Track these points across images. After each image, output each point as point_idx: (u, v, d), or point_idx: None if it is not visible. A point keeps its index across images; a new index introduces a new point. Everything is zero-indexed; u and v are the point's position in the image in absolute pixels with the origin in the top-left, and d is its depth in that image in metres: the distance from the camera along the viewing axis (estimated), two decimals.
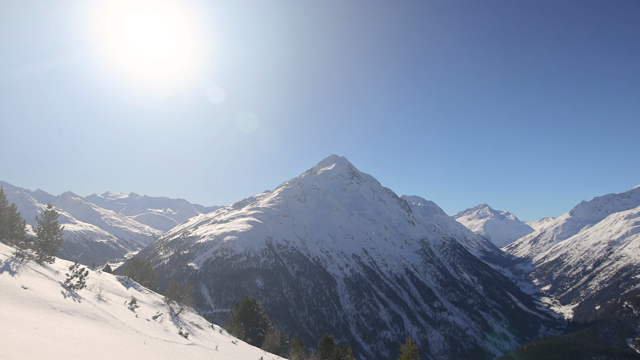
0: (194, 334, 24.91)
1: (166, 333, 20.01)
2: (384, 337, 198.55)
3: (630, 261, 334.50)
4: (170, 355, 14.93)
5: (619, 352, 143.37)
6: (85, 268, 22.21)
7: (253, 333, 49.12)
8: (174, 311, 28.74)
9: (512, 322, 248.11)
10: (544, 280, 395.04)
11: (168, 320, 24.53)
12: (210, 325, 33.25)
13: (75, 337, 11.97)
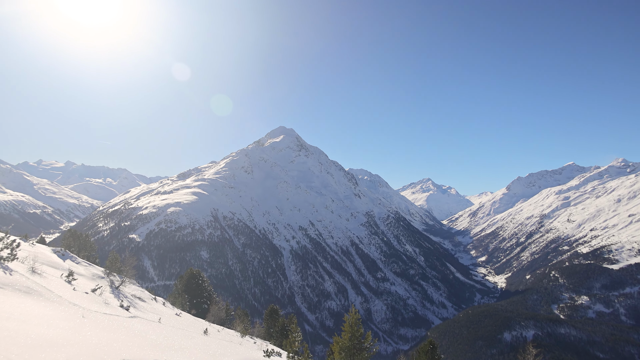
0: (136, 306, 24.39)
1: (106, 306, 19.41)
2: (329, 307, 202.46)
3: (558, 234, 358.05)
4: (111, 328, 14.32)
5: (545, 318, 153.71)
6: (16, 239, 21.12)
7: (198, 305, 48.55)
8: (115, 284, 27.86)
9: (450, 291, 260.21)
10: (480, 252, 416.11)
11: (108, 293, 23.76)
12: (153, 298, 32.59)
13: (7, 311, 11.39)
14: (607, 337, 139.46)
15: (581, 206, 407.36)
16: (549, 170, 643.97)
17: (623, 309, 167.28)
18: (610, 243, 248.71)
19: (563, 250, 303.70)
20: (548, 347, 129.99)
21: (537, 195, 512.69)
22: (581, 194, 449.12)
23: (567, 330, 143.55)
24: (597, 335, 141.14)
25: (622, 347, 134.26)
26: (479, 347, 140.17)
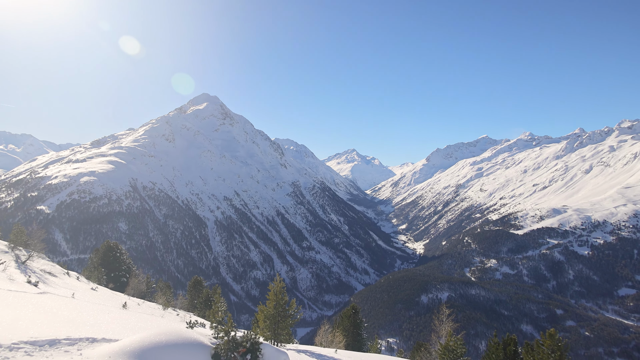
0: (46, 282, 23.12)
1: (11, 282, 18.59)
2: (255, 276, 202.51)
3: (472, 202, 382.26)
4: (16, 306, 13.27)
5: (458, 280, 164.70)
6: None
7: (116, 278, 46.82)
8: (21, 259, 26.22)
9: (372, 258, 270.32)
10: (401, 220, 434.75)
11: (13, 269, 22.52)
12: (66, 272, 31.09)
13: None
14: (511, 296, 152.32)
15: (492, 176, 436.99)
16: (465, 142, 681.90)
17: (525, 270, 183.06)
18: (517, 210, 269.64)
19: (476, 218, 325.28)
20: (460, 307, 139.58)
21: (454, 166, 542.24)
22: (493, 165, 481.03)
23: (477, 291, 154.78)
24: (503, 294, 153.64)
25: (523, 305, 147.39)
26: (399, 309, 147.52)
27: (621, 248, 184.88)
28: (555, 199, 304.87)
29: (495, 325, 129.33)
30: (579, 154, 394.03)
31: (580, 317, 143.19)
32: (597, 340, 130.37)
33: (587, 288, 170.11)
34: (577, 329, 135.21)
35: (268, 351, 11.63)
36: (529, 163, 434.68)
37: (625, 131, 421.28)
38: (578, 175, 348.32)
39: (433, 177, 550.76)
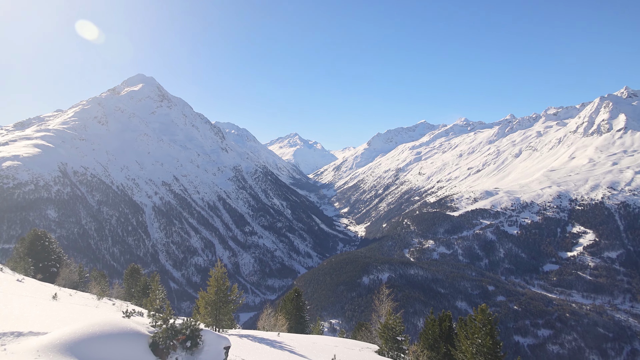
0: None
1: None
2: (195, 263, 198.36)
3: (411, 185, 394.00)
4: None
5: (398, 261, 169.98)
6: None
7: (45, 269, 43.91)
8: None
9: (315, 241, 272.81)
10: (343, 204, 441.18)
11: None
12: None
13: None
14: (447, 275, 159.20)
15: (430, 160, 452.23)
16: (404, 127, 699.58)
17: (461, 249, 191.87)
18: (453, 193, 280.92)
19: (415, 201, 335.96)
20: (400, 287, 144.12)
21: (394, 151, 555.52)
22: (431, 150, 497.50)
23: (416, 271, 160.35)
24: (440, 273, 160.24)
25: (458, 282, 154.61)
26: (341, 291, 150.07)
27: (546, 227, 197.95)
28: (488, 181, 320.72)
29: (433, 303, 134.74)
30: (510, 139, 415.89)
31: (509, 293, 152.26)
32: (525, 313, 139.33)
33: (516, 265, 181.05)
34: (506, 304, 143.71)
35: (209, 337, 11.31)
36: (464, 147, 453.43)
37: (550, 117, 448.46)
38: (509, 159, 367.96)
39: (374, 161, 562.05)
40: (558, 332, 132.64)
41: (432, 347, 26.37)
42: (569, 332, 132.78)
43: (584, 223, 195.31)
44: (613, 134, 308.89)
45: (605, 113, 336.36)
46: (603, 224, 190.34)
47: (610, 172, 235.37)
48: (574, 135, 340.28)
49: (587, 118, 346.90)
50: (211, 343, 11.19)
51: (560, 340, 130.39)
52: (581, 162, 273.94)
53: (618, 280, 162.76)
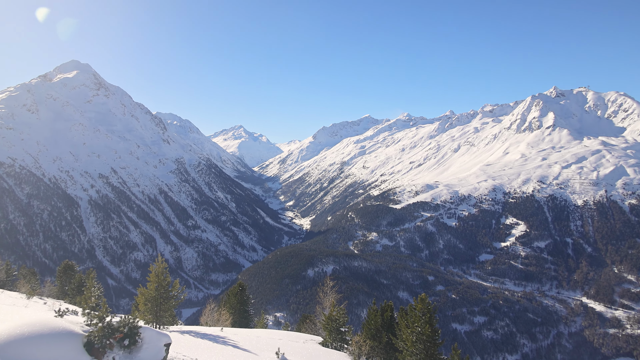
0: None
1: None
2: (135, 258, 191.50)
3: (355, 179, 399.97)
4: None
5: (342, 254, 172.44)
6: None
7: None
8: None
9: (260, 235, 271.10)
10: (289, 197, 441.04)
11: None
12: None
13: None
14: (390, 266, 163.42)
15: (374, 154, 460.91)
16: (349, 121, 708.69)
17: (403, 241, 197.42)
18: (396, 186, 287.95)
19: (359, 194, 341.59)
20: (344, 279, 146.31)
21: (339, 144, 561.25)
22: (374, 144, 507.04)
23: (360, 263, 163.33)
24: (383, 265, 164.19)
25: (400, 273, 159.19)
26: (286, 284, 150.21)
27: (482, 219, 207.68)
28: (429, 175, 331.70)
29: (376, 294, 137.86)
30: (449, 134, 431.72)
31: (448, 282, 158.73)
32: (462, 301, 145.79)
33: (455, 255, 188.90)
34: (445, 293, 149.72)
35: (148, 335, 10.92)
36: (406, 142, 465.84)
37: (487, 114, 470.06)
38: (448, 153, 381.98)
39: (319, 155, 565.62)
40: (492, 319, 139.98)
41: (374, 337, 27.00)
42: (502, 318, 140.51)
43: (516, 215, 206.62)
44: (543, 131, 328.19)
45: (536, 111, 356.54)
46: (533, 215, 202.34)
47: (540, 167, 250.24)
48: (508, 131, 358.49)
49: (519, 115, 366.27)
50: (151, 340, 10.87)
51: (494, 326, 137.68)
52: (514, 157, 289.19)
53: (546, 269, 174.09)
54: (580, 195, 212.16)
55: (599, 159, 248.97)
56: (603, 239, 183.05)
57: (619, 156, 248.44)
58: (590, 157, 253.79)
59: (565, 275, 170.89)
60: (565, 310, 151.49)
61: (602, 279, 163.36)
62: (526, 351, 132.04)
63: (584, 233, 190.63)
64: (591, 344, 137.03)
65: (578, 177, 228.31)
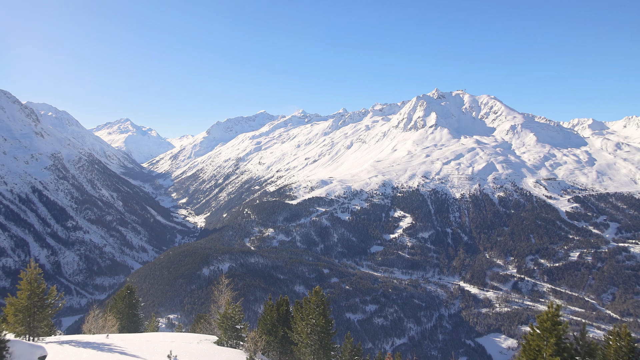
0: None
1: None
2: (4, 265, 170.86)
3: (251, 175, 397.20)
4: None
5: (238, 251, 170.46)
6: None
7: None
8: None
9: (151, 234, 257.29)
10: (182, 194, 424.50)
11: None
12: None
13: None
14: (286, 261, 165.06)
15: (270, 150, 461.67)
16: (244, 116, 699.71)
17: (299, 236, 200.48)
18: (291, 182, 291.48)
19: (255, 190, 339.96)
20: (241, 276, 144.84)
21: (234, 140, 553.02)
22: (270, 140, 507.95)
23: (256, 259, 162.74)
24: (279, 260, 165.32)
25: (297, 268, 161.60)
26: (180, 285, 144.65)
27: (373, 212, 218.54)
28: (324, 171, 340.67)
29: (273, 289, 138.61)
30: (343, 131, 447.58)
31: (342, 274, 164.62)
32: (355, 291, 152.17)
33: (348, 248, 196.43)
34: (339, 284, 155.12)
35: (19, 348, 10.12)
36: (302, 138, 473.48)
37: (377, 113, 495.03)
38: (342, 150, 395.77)
39: (214, 150, 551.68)
40: (383, 306, 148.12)
41: (270, 332, 27.49)
42: (392, 305, 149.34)
43: (403, 208, 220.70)
44: (427, 129, 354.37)
45: (420, 111, 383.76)
46: (418, 208, 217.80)
47: (424, 163, 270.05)
48: (396, 129, 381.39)
49: (406, 115, 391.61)
50: (22, 354, 9.99)
51: (384, 313, 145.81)
52: (402, 154, 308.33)
53: (429, 257, 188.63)
54: (459, 189, 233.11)
55: (474, 156, 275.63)
56: (477, 228, 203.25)
57: (490, 153, 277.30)
58: (466, 154, 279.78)
59: (446, 262, 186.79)
60: (446, 294, 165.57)
61: (476, 265, 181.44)
62: (412, 334, 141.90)
63: (461, 223, 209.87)
64: (467, 323, 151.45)
65: (456, 172, 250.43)
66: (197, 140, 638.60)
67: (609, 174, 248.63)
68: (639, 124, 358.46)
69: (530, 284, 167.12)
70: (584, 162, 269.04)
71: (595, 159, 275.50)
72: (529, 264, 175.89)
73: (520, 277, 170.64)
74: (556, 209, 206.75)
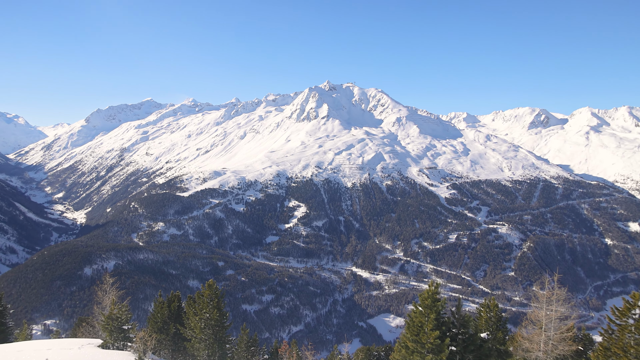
0: None
1: None
2: None
3: (138, 166, 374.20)
4: None
5: (125, 247, 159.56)
6: None
7: None
8: None
9: (21, 233, 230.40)
10: (57, 188, 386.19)
11: None
12: None
13: None
14: (179, 256, 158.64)
15: (158, 140, 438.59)
16: (129, 104, 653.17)
17: (191, 229, 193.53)
18: (182, 174, 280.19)
19: (142, 182, 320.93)
20: (128, 274, 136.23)
21: (118, 129, 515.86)
22: (158, 129, 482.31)
23: (145, 255, 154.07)
24: (171, 255, 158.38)
25: (190, 262, 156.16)
26: (58, 287, 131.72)
27: (268, 203, 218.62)
28: (217, 161, 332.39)
29: (164, 286, 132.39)
30: (235, 121, 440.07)
31: (237, 266, 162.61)
32: (251, 282, 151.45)
33: (243, 239, 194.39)
34: (235, 276, 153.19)
35: None
36: (192, 128, 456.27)
37: (270, 103, 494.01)
38: (235, 140, 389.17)
39: (94, 140, 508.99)
40: (279, 296, 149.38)
41: (161, 330, 26.59)
42: (288, 294, 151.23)
43: (298, 198, 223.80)
44: (319, 120, 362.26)
45: (313, 102, 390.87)
46: (312, 197, 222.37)
47: (317, 154, 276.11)
48: (289, 120, 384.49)
49: (299, 106, 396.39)
50: None
51: (281, 302, 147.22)
52: (295, 144, 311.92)
53: (324, 245, 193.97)
54: (350, 178, 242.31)
55: (364, 146, 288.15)
56: (367, 215, 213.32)
57: (379, 144, 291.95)
58: (357, 145, 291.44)
59: (339, 249, 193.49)
60: (340, 280, 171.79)
61: (367, 250, 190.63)
62: (308, 321, 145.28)
63: (353, 211, 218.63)
64: (360, 306, 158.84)
65: (348, 162, 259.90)
66: (74, 129, 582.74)
67: (480, 163, 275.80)
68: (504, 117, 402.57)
69: (415, 266, 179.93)
70: (460, 152, 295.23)
71: (470, 150, 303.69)
72: (414, 247, 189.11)
73: (406, 260, 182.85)
74: (437, 196, 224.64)
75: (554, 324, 24.39)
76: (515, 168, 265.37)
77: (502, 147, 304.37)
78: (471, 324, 25.07)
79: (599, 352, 19.29)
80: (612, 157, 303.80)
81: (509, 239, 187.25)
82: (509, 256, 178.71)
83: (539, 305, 25.23)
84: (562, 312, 24.54)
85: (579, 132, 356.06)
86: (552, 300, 24.34)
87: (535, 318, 25.56)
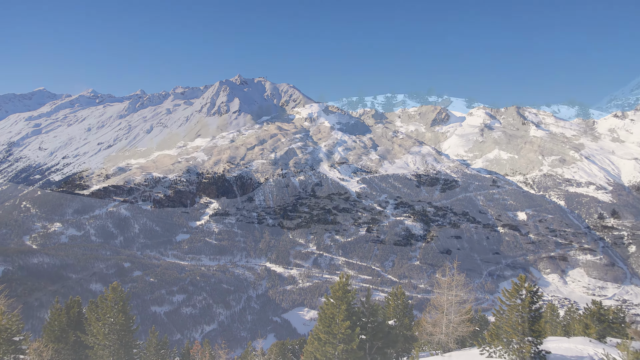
0: None
1: None
2: None
3: (30, 162, 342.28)
4: None
5: (15, 251, 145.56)
6: None
7: None
8: None
9: None
10: None
11: None
12: None
13: None
14: (79, 258, 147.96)
15: (53, 134, 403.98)
16: (17, 94, 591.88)
17: (93, 229, 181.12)
18: (82, 170, 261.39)
19: (35, 180, 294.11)
20: (20, 280, 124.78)
21: (5, 121, 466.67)
22: (53, 122, 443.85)
23: (40, 259, 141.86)
24: (70, 258, 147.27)
25: (92, 264, 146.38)
26: None
27: (178, 200, 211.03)
28: (121, 157, 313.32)
29: (63, 291, 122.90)
30: (141, 114, 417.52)
31: (145, 266, 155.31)
32: (161, 283, 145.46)
33: (151, 239, 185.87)
34: (143, 277, 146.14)
35: None
36: (93, 121, 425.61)
37: (179, 96, 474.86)
38: (141, 134, 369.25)
39: None
40: (191, 295, 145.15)
41: (59, 339, 25.28)
42: (200, 293, 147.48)
43: (209, 194, 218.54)
44: (230, 115, 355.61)
45: (224, 96, 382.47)
46: (225, 193, 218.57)
47: (229, 149, 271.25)
48: (200, 114, 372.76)
49: (209, 99, 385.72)
50: None
51: (192, 301, 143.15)
52: (206, 139, 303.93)
53: (237, 241, 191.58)
54: (263, 173, 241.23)
55: (276, 142, 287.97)
56: (281, 210, 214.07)
57: (291, 139, 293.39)
58: (269, 140, 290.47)
59: (253, 245, 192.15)
60: (253, 276, 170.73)
61: (281, 245, 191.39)
62: (222, 319, 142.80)
63: (266, 207, 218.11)
64: (274, 301, 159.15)
65: (260, 158, 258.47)
66: None
67: (388, 158, 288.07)
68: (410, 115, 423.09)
69: (328, 259, 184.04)
70: (369, 148, 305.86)
71: (378, 145, 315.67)
72: (326, 241, 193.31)
73: (319, 254, 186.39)
74: (348, 190, 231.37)
75: (454, 307, 26.58)
76: (420, 163, 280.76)
77: (408, 143, 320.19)
78: (380, 312, 26.43)
79: (492, 330, 21.46)
80: (503, 152, 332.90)
81: (414, 230, 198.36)
82: (414, 246, 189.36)
83: (441, 291, 27.32)
84: (461, 297, 26.80)
85: (474, 130, 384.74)
86: (452, 285, 26.47)
87: (437, 303, 27.66)
